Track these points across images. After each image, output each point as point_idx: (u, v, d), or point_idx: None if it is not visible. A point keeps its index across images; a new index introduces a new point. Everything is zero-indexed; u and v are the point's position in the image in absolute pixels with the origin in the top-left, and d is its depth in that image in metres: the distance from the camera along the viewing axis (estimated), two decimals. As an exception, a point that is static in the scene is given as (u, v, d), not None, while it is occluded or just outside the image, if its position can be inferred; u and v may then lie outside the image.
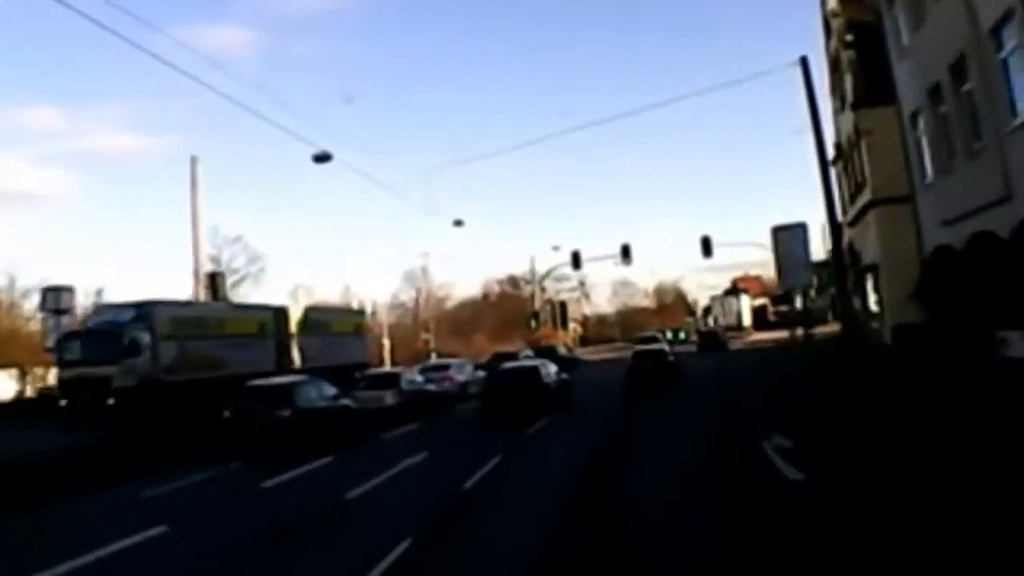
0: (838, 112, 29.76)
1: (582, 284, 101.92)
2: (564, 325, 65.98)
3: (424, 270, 70.67)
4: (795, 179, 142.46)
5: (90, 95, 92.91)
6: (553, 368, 22.98)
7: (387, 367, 41.74)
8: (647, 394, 22.79)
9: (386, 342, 56.95)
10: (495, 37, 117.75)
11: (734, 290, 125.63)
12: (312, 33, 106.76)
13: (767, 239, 28.91)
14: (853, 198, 28.56)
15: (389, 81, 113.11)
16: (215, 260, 48.57)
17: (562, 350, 43.94)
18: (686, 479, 10.33)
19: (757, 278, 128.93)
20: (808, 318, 38.31)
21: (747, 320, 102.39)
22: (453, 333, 68.54)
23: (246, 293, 52.98)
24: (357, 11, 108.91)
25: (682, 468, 11.17)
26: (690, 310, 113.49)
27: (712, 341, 51.34)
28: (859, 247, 28.43)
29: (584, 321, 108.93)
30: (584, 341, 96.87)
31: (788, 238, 26.65)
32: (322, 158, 21.98)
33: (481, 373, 27.83)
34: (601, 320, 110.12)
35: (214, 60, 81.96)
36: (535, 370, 21.44)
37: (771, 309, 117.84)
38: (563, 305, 67.02)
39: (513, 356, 34.76)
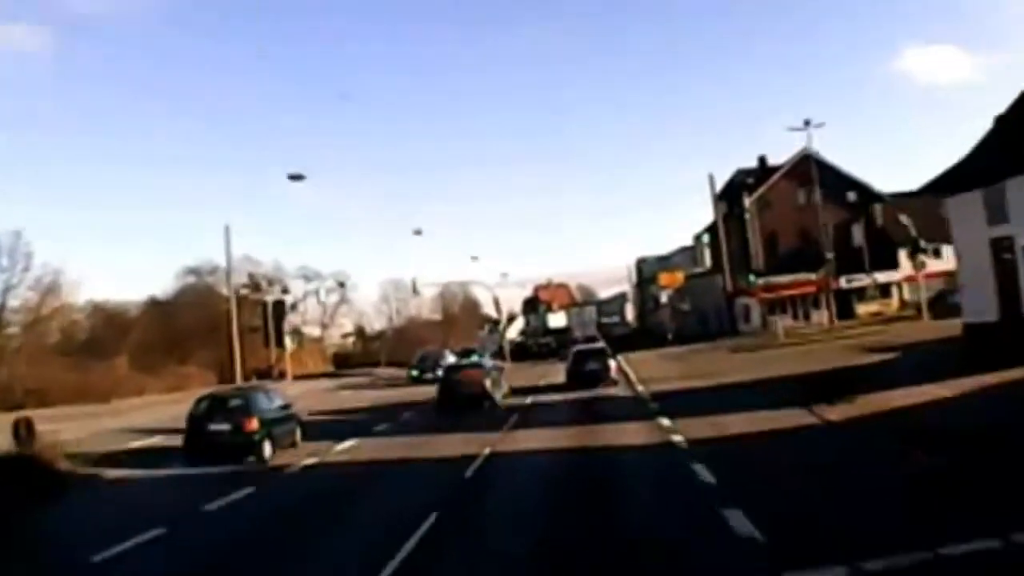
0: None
1: (341, 285, 74.41)
2: (279, 341, 38.43)
3: (18, 235, 40.18)
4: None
5: None
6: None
7: None
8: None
9: None
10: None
11: (535, 300, 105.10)
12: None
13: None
14: None
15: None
16: None
17: None
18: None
19: (563, 286, 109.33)
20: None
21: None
22: (67, 355, 38.49)
23: None
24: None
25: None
26: (486, 322, 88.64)
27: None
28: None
29: (360, 334, 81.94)
30: (340, 364, 69.40)
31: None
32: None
33: None
34: (372, 336, 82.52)
35: None
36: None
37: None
38: (278, 306, 39.33)
39: None
